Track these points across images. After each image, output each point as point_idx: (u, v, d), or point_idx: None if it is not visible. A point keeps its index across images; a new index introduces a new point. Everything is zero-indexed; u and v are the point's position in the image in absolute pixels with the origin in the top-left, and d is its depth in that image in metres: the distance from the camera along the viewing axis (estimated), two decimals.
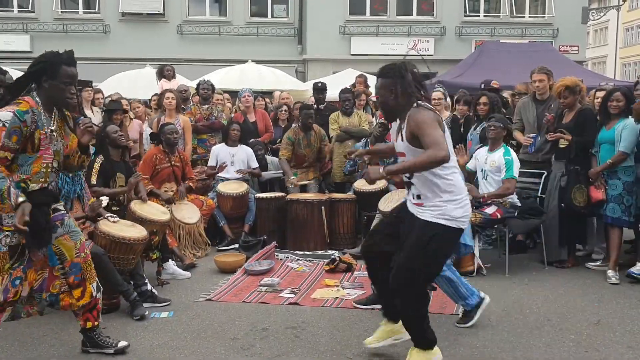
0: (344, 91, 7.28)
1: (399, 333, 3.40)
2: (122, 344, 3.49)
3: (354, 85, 8.46)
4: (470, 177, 5.49)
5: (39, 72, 3.07)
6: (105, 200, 4.31)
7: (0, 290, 3.01)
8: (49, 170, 3.11)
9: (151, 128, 6.77)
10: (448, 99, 7.60)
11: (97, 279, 3.36)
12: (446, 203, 3.05)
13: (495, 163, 5.13)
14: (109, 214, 4.35)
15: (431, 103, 3.24)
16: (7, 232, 2.98)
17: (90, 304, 3.33)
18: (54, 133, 3.11)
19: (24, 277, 3.12)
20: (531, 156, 5.67)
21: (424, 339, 3.18)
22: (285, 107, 7.86)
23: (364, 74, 9.48)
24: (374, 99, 8.53)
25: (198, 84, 7.35)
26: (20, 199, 2.89)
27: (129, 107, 7.08)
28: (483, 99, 6.09)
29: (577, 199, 5.05)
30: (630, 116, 4.97)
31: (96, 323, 3.42)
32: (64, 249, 3.20)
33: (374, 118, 7.68)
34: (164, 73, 8.50)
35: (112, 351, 3.44)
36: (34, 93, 3.08)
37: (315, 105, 7.55)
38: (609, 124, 5.04)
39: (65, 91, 3.09)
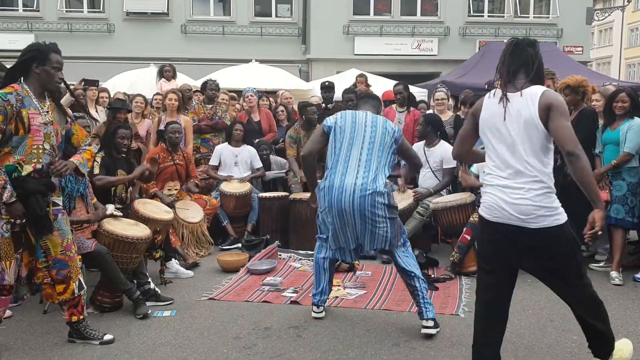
0: (347, 91, 7.28)
1: None
2: (107, 337, 3.57)
3: (354, 86, 8.45)
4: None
5: (30, 60, 3.28)
6: (111, 208, 4.32)
7: (11, 275, 3.22)
8: (41, 151, 3.26)
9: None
10: (450, 99, 7.62)
11: (80, 277, 3.47)
12: None
13: None
14: (113, 208, 4.38)
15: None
16: (6, 219, 3.17)
17: (73, 300, 3.45)
18: (46, 116, 3.28)
19: (20, 258, 3.31)
20: None
21: None
22: (282, 108, 7.87)
23: (364, 73, 9.48)
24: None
25: (205, 84, 7.31)
26: (13, 199, 3.12)
27: (144, 105, 7.05)
28: None
29: None
30: (635, 117, 4.95)
31: (81, 317, 3.53)
32: (50, 244, 3.34)
33: None
34: (163, 73, 8.51)
35: (97, 343, 3.53)
36: (22, 81, 3.28)
37: (323, 105, 7.55)
38: (613, 124, 5.03)
39: (55, 76, 3.31)
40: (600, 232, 2.58)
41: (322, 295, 4.04)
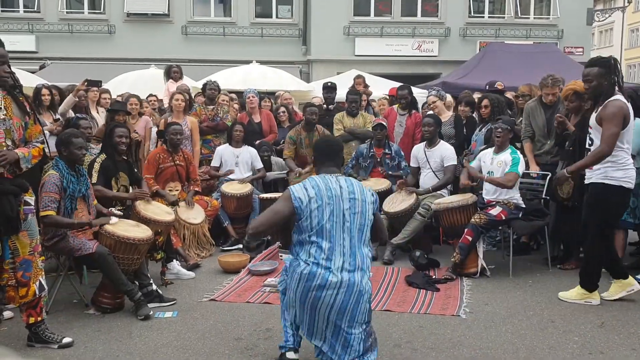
0: (351, 92, 7.28)
1: (630, 285, 4.30)
2: (66, 340, 3.54)
3: (353, 87, 8.46)
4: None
5: None
6: (114, 220, 4.29)
7: None
8: (4, 149, 3.19)
9: (157, 127, 6.81)
10: (449, 98, 7.61)
11: (40, 278, 3.43)
12: (606, 167, 3.97)
13: (502, 163, 5.13)
14: (117, 220, 4.36)
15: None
16: None
17: (33, 302, 3.43)
18: (2, 112, 3.21)
19: None
20: (539, 158, 5.64)
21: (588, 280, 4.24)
22: (283, 109, 7.87)
23: (362, 74, 9.48)
24: (388, 96, 8.57)
25: (205, 85, 7.35)
26: None
27: (138, 105, 7.07)
28: (484, 102, 6.10)
29: (562, 190, 5.01)
30: (637, 117, 4.93)
31: (39, 319, 3.50)
32: (19, 244, 3.31)
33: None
34: (171, 74, 8.54)
35: (56, 346, 3.51)
36: None
37: (324, 105, 7.56)
38: None
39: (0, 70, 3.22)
40: None
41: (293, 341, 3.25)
